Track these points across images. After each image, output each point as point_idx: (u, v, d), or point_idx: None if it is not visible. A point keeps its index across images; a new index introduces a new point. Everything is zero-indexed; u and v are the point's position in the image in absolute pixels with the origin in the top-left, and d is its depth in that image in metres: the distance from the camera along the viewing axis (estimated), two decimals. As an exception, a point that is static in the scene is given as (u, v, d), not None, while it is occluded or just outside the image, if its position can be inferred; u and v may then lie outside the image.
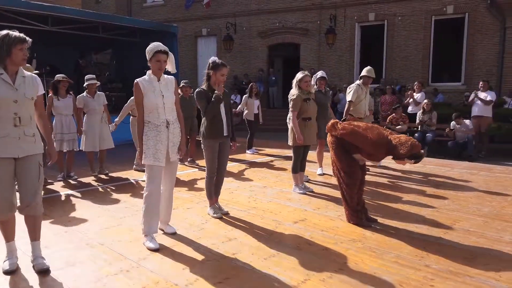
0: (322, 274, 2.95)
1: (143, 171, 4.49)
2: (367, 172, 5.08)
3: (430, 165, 7.29)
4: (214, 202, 4.35)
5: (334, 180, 5.89)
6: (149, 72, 3.50)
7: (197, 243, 3.55)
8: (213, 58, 4.14)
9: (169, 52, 3.50)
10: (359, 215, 4.02)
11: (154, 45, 3.45)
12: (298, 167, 5.29)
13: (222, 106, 4.10)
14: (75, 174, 6.27)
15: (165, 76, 3.56)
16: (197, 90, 4.18)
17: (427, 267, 3.07)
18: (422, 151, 3.63)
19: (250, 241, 3.62)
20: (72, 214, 4.45)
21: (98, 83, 6.59)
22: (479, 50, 13.05)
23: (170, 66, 3.53)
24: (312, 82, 6.39)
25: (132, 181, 6.17)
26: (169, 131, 3.48)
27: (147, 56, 3.46)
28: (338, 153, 3.98)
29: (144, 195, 3.48)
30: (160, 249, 3.39)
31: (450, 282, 2.83)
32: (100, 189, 5.68)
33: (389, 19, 14.18)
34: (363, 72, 6.42)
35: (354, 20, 14.72)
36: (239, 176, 6.46)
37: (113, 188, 5.70)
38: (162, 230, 3.79)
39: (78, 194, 5.35)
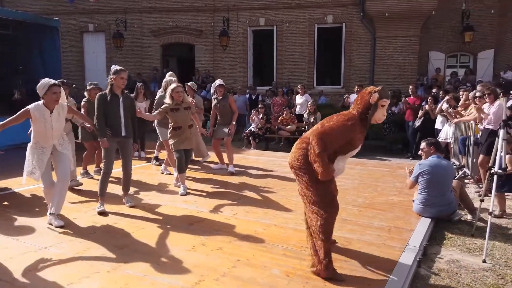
0: (216, 273, 3.05)
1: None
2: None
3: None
4: (104, 200, 4.63)
5: (230, 178, 6.14)
6: (41, 102, 3.96)
7: (86, 254, 3.37)
8: (114, 66, 4.61)
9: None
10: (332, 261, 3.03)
11: (47, 80, 3.97)
12: (184, 167, 5.47)
13: (121, 108, 4.54)
14: None
15: (59, 104, 4.04)
16: (98, 93, 4.67)
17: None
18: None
19: (143, 247, 3.56)
20: None
21: None
22: (355, 57, 14.58)
23: (61, 98, 4.06)
24: (212, 90, 6.66)
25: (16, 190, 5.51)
26: (53, 155, 4.12)
27: (40, 91, 3.92)
28: (310, 180, 3.05)
29: None
30: (44, 262, 3.14)
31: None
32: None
33: (277, 25, 14.99)
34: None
35: (246, 24, 15.22)
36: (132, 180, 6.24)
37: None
38: (51, 224, 4.03)
39: None
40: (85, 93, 6.36)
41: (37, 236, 3.82)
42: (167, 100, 5.47)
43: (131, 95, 5.77)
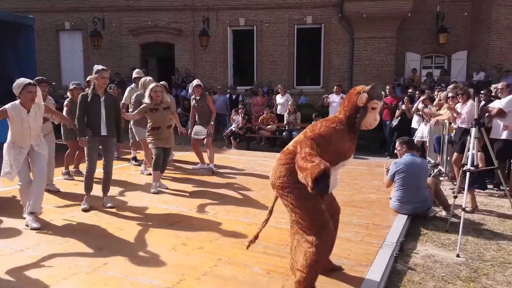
0: (197, 272, 3.06)
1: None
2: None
3: (295, 161, 8.02)
4: (88, 196, 4.72)
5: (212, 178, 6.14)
6: (18, 102, 3.96)
7: (64, 256, 3.32)
8: (96, 66, 4.63)
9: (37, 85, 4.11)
10: None
11: (22, 79, 3.97)
12: (160, 165, 5.48)
13: (102, 107, 4.54)
14: None
15: (36, 104, 4.03)
16: (81, 94, 4.71)
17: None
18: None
19: (123, 248, 3.53)
20: None
21: None
22: (334, 57, 14.78)
23: (37, 98, 4.04)
24: (190, 90, 6.64)
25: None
26: (29, 155, 4.12)
27: (15, 90, 3.93)
28: (296, 199, 2.60)
29: None
30: (20, 265, 3.08)
31: (309, 264, 3.22)
32: None
33: (257, 25, 15.04)
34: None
35: (226, 23, 15.21)
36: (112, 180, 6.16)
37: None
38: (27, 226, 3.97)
39: None
40: (68, 93, 6.28)
41: (13, 238, 3.73)
42: (146, 100, 5.47)
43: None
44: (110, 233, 3.90)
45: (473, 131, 3.92)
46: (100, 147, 4.71)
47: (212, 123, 6.68)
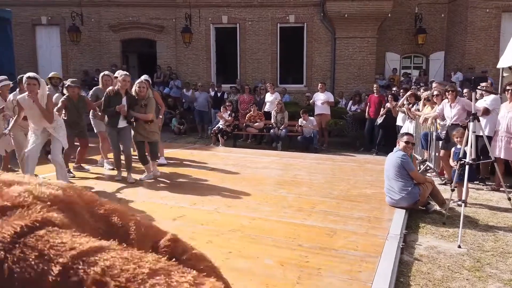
0: (211, 265, 3.02)
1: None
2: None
3: (285, 157, 8.06)
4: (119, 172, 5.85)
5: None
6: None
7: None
8: (119, 71, 5.72)
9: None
10: None
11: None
12: (144, 159, 5.94)
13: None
14: None
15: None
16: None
17: (300, 246, 3.45)
18: None
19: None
20: None
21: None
22: (316, 56, 14.92)
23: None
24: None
25: None
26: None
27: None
28: None
29: None
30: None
31: (321, 257, 3.24)
32: None
33: (240, 23, 14.99)
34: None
35: (208, 21, 15.08)
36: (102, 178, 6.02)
37: None
38: None
39: None
40: (65, 91, 6.27)
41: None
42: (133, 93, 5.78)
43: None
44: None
45: (471, 125, 4.05)
46: None
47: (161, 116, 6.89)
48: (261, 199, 4.93)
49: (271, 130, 9.87)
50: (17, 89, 5.87)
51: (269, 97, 10.98)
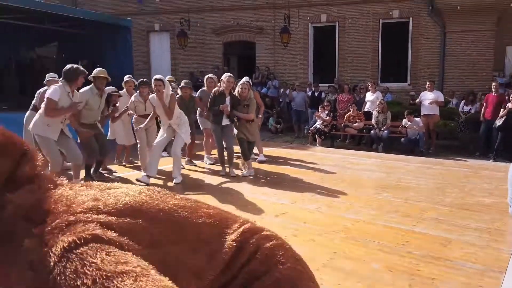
0: (315, 264, 2.97)
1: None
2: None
3: (388, 160, 7.65)
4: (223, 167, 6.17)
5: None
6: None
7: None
8: (226, 73, 6.03)
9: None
10: None
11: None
12: (247, 155, 6.13)
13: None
14: None
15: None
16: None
17: (409, 253, 3.23)
18: None
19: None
20: None
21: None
22: (423, 53, 13.89)
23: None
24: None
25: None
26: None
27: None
28: None
29: None
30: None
31: (434, 266, 2.99)
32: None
33: (340, 21, 14.66)
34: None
35: (307, 20, 15.04)
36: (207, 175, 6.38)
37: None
38: None
39: None
40: (178, 91, 6.84)
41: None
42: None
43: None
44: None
45: None
46: None
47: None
48: (363, 201, 4.75)
49: (372, 131, 9.46)
50: (137, 92, 6.42)
51: (369, 96, 10.54)
